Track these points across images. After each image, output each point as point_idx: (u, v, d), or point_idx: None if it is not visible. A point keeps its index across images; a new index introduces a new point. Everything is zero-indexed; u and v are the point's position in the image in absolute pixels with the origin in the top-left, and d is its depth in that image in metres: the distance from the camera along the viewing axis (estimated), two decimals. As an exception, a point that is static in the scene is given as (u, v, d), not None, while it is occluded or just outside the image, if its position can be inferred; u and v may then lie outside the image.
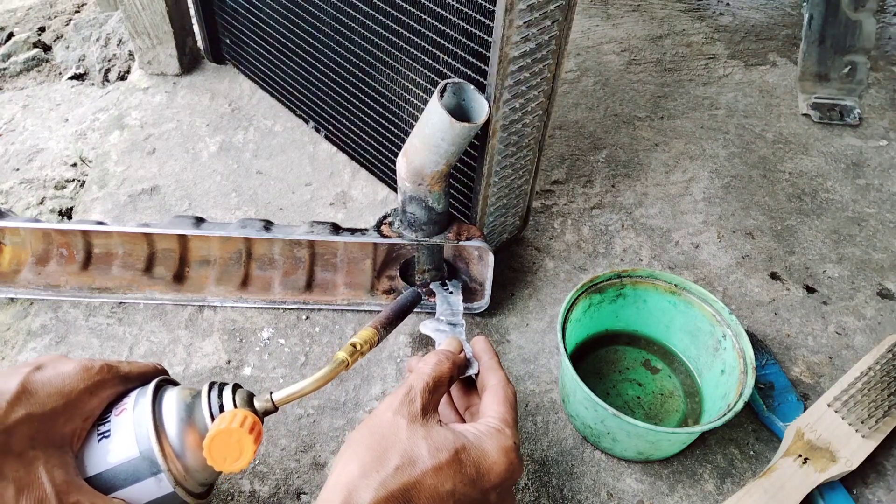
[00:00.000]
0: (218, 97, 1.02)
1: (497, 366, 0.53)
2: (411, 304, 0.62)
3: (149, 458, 0.46)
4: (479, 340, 0.55)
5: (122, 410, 0.48)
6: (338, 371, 0.50)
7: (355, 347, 0.52)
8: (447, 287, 0.70)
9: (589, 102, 1.07)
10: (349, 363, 0.51)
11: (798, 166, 0.96)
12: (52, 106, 1.12)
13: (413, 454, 0.42)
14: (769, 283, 0.79)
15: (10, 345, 0.70)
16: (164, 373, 0.54)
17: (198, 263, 0.75)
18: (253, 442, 0.45)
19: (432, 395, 0.47)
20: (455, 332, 0.62)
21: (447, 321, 0.64)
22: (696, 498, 0.60)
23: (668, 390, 0.67)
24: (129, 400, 0.49)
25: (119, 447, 0.46)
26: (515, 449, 0.46)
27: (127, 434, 0.47)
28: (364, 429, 0.45)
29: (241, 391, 0.50)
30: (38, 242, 0.74)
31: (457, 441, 0.44)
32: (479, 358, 0.54)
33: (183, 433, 0.47)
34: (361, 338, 0.53)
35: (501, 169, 0.66)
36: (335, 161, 0.92)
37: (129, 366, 0.51)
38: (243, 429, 0.45)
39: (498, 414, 0.48)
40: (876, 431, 0.61)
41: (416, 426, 0.44)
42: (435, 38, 0.62)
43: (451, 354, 0.52)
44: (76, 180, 0.95)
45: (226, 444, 0.45)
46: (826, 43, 1.06)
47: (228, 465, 0.45)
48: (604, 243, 0.83)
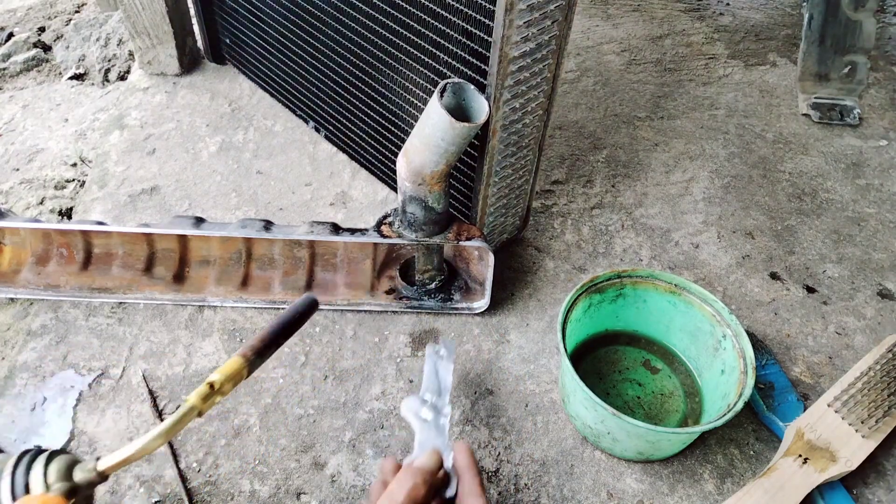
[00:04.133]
0: (218, 97, 1.02)
1: (479, 491, 0.46)
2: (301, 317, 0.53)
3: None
4: (462, 451, 0.49)
5: None
6: (186, 421, 0.43)
7: (212, 388, 0.44)
8: (438, 349, 0.63)
9: (589, 102, 1.06)
10: (201, 411, 0.43)
11: (798, 166, 0.96)
12: (52, 106, 1.12)
13: None
14: (769, 283, 0.79)
15: (10, 345, 0.70)
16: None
17: (198, 263, 0.75)
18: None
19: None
20: (439, 426, 0.54)
21: (431, 403, 0.56)
22: (696, 498, 0.60)
23: (668, 390, 0.67)
24: None
25: None
26: None
27: None
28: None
29: (57, 461, 0.42)
30: (38, 242, 0.74)
31: None
32: (460, 475, 0.47)
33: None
34: (223, 373, 0.45)
35: (501, 169, 0.66)
36: (335, 161, 0.92)
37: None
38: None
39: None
40: (876, 431, 0.61)
41: None
42: (435, 38, 0.62)
43: (429, 477, 0.46)
44: (76, 180, 0.95)
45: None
46: (826, 43, 1.06)
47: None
48: (604, 243, 0.83)
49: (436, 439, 0.52)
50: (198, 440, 0.62)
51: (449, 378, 0.59)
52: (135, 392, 0.65)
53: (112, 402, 0.64)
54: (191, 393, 0.44)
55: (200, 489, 0.59)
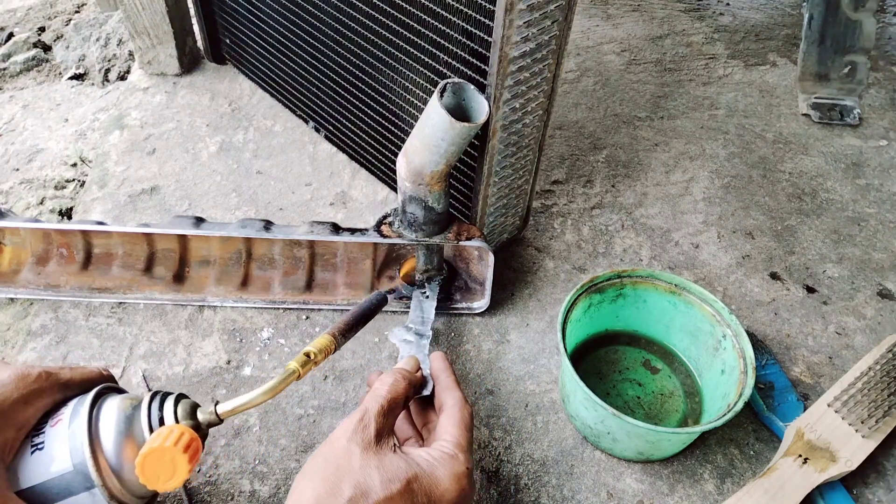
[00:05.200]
0: (218, 97, 1.02)
1: (454, 384, 0.53)
2: (375, 307, 0.61)
3: (82, 472, 0.44)
4: (437, 357, 0.56)
5: (58, 421, 0.46)
6: (288, 382, 0.49)
7: (308, 357, 0.51)
8: (424, 291, 0.71)
9: (589, 102, 1.06)
10: (300, 374, 0.50)
11: (798, 166, 0.96)
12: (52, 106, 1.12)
13: (365, 485, 0.43)
14: (769, 283, 0.79)
15: (10, 345, 0.70)
16: (109, 379, 0.52)
17: (198, 263, 0.75)
18: (188, 461, 0.43)
19: (387, 418, 0.48)
20: (420, 344, 0.62)
21: (415, 330, 0.64)
22: (696, 498, 0.60)
23: (668, 390, 0.67)
24: (67, 410, 0.47)
25: (52, 460, 0.44)
26: (468, 475, 0.47)
27: (61, 447, 0.44)
28: (319, 457, 0.45)
29: (184, 402, 0.48)
30: (38, 242, 0.74)
31: (409, 470, 0.45)
32: (436, 376, 0.55)
33: (120, 446, 0.45)
34: (316, 346, 0.52)
35: (501, 169, 0.66)
36: (335, 161, 0.92)
37: (71, 372, 0.49)
38: (177, 447, 0.43)
39: (453, 437, 0.48)
40: (876, 431, 0.61)
41: (370, 454, 0.45)
42: (435, 38, 0.62)
43: (408, 374, 0.53)
44: (76, 180, 0.95)
45: (159, 463, 0.43)
46: (826, 43, 1.06)
47: (161, 483, 0.43)
48: (604, 243, 0.83)
49: (416, 353, 0.61)
50: (198, 440, 0.62)
51: (431, 312, 0.68)
52: (135, 392, 0.65)
53: (112, 402, 0.64)
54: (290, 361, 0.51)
55: (200, 489, 0.59)
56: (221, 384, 0.66)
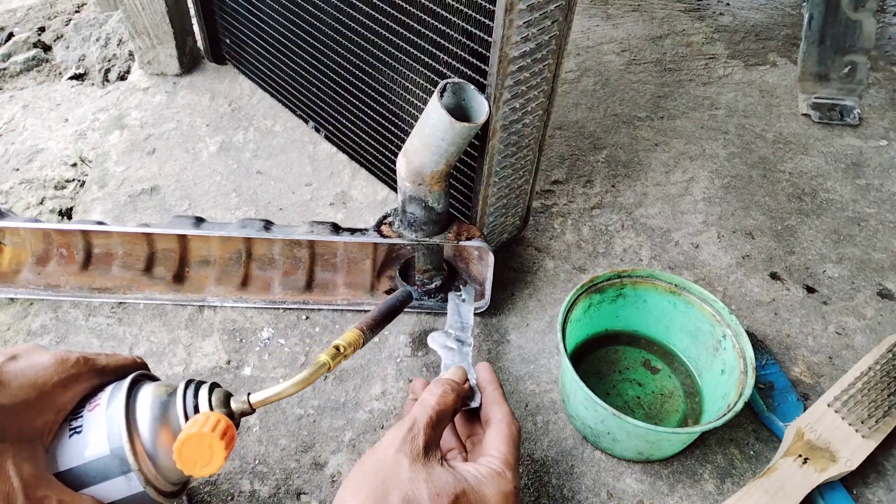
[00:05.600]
0: (218, 97, 1.02)
1: (502, 398, 0.52)
2: (401, 304, 0.62)
3: (119, 457, 0.45)
4: (484, 369, 0.55)
5: (96, 406, 0.47)
6: (319, 374, 0.50)
7: (338, 350, 0.52)
8: (461, 294, 0.69)
9: (589, 102, 1.07)
10: (331, 366, 0.51)
11: (798, 166, 0.96)
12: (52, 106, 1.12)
13: (414, 496, 0.42)
14: (769, 283, 0.79)
15: (10, 345, 0.70)
16: (143, 367, 0.53)
17: (198, 263, 0.75)
18: (224, 448, 0.44)
19: (435, 430, 0.47)
20: (463, 352, 0.61)
21: (455, 336, 0.63)
22: (696, 498, 0.60)
23: (668, 390, 0.67)
24: (104, 395, 0.48)
25: (90, 444, 0.45)
26: (515, 493, 0.46)
27: (99, 431, 0.45)
28: (367, 464, 0.44)
29: (217, 391, 0.49)
30: (38, 242, 0.74)
31: (457, 485, 0.44)
32: (483, 388, 0.54)
33: (156, 432, 0.46)
34: (345, 340, 0.53)
35: (501, 169, 0.66)
36: (335, 161, 0.92)
37: (108, 359, 0.50)
38: (215, 433, 0.44)
39: (500, 454, 0.48)
40: (876, 431, 0.61)
41: (418, 466, 0.44)
42: (435, 38, 0.62)
43: (457, 385, 0.51)
44: (76, 180, 0.95)
45: (196, 449, 0.44)
46: (826, 43, 1.06)
47: (198, 469, 0.44)
48: (604, 243, 0.83)
49: (460, 362, 0.59)
50: (198, 440, 0.62)
51: (470, 317, 0.66)
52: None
53: (112, 402, 0.64)
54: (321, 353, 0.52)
55: (200, 489, 0.59)
56: (221, 384, 0.66)
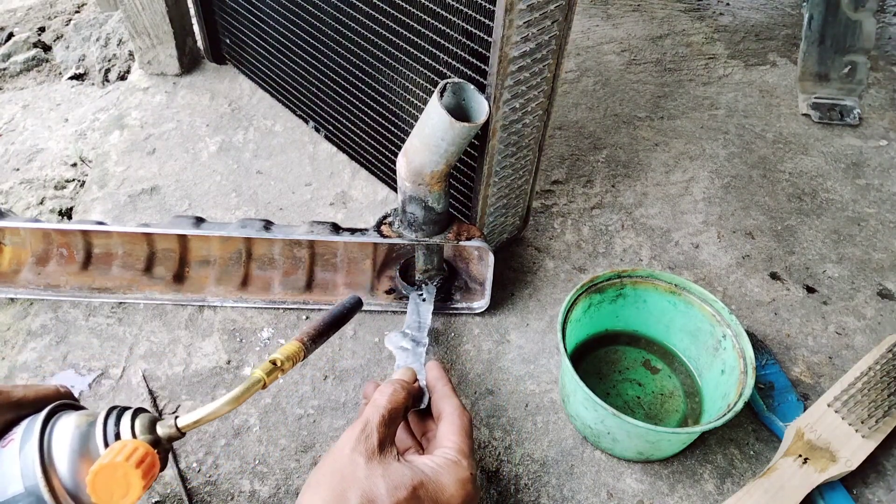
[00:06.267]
0: (218, 97, 1.02)
1: (451, 392, 0.53)
2: (349, 312, 0.60)
3: (35, 494, 0.42)
4: (432, 367, 0.56)
5: (10, 441, 0.45)
6: (253, 391, 0.48)
7: (275, 365, 0.50)
8: (421, 293, 0.70)
9: (589, 102, 1.06)
10: (266, 382, 0.49)
11: (798, 166, 0.96)
12: (52, 106, 1.12)
13: (372, 493, 0.43)
14: (769, 283, 0.79)
15: (10, 345, 0.70)
16: (67, 396, 0.51)
17: (198, 263, 0.75)
18: (141, 477, 0.42)
19: (388, 427, 0.48)
20: (416, 353, 0.62)
21: (412, 336, 0.64)
22: (696, 498, 0.60)
23: (668, 390, 0.67)
24: (19, 430, 0.45)
25: (4, 482, 0.43)
26: (472, 480, 0.47)
27: (12, 468, 0.43)
28: (324, 467, 0.45)
29: (142, 416, 0.46)
30: (38, 242, 0.74)
31: (414, 477, 0.45)
32: (432, 386, 0.55)
33: (75, 466, 0.43)
34: (284, 353, 0.51)
35: (501, 169, 0.66)
36: (335, 161, 0.92)
37: (24, 390, 0.48)
38: (129, 462, 0.41)
39: (454, 444, 0.49)
40: (876, 431, 0.61)
41: (374, 463, 0.45)
42: (435, 38, 0.62)
43: (406, 384, 0.53)
44: (76, 180, 0.95)
45: (110, 479, 0.41)
46: (826, 43, 1.06)
47: (115, 501, 0.42)
48: (604, 243, 0.83)
49: (413, 363, 0.61)
50: (198, 440, 0.62)
51: (428, 317, 0.67)
52: (135, 392, 0.65)
53: (112, 401, 0.64)
54: (255, 368, 0.50)
55: (200, 489, 0.59)
56: (221, 384, 0.66)
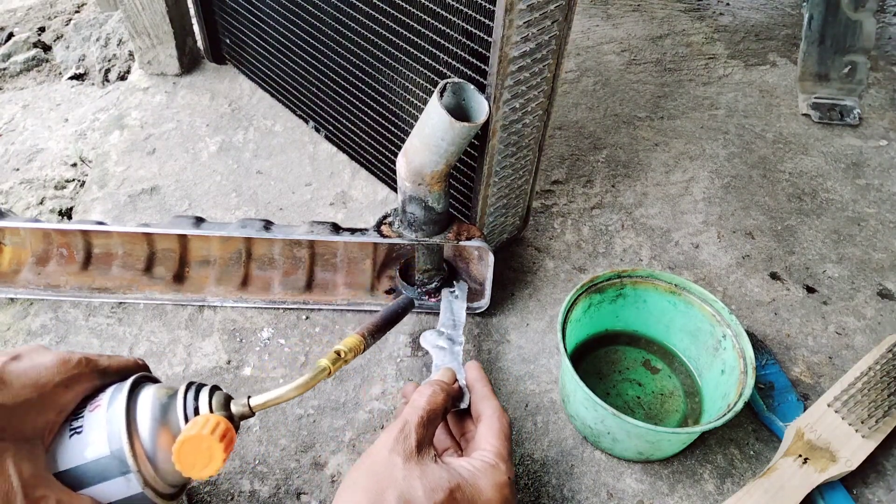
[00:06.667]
0: (218, 97, 1.02)
1: (491, 394, 0.53)
2: (403, 311, 0.62)
3: (119, 458, 0.45)
4: (472, 367, 0.56)
5: (97, 407, 0.47)
6: (319, 378, 0.50)
7: (339, 355, 0.52)
8: (454, 290, 0.70)
9: (589, 102, 1.06)
10: (331, 371, 0.51)
11: (798, 166, 0.96)
12: (52, 106, 1.12)
13: (409, 494, 0.43)
14: (769, 283, 0.79)
15: (10, 345, 0.70)
16: (144, 368, 0.53)
17: (198, 263, 0.75)
18: (223, 450, 0.44)
19: (427, 429, 0.48)
20: (454, 351, 0.62)
21: (447, 335, 0.64)
22: (696, 498, 0.60)
23: (668, 390, 0.67)
24: (105, 396, 0.48)
25: (90, 444, 0.45)
26: (510, 484, 0.47)
27: (99, 432, 0.46)
28: (361, 468, 0.45)
29: (218, 394, 0.49)
30: (38, 242, 0.74)
31: (452, 480, 0.44)
32: (472, 386, 0.55)
33: (155, 434, 0.46)
34: (346, 345, 0.53)
35: (501, 169, 0.66)
36: (335, 161, 0.92)
37: (109, 360, 0.50)
38: (214, 436, 0.44)
39: (493, 447, 0.48)
40: (876, 431, 0.61)
41: (412, 464, 0.44)
42: (435, 38, 0.62)
43: (446, 385, 0.52)
44: (76, 180, 0.95)
45: (195, 450, 0.44)
46: (826, 43, 1.06)
47: (197, 471, 0.44)
48: (604, 243, 0.83)
49: (450, 362, 0.60)
50: (198, 440, 0.62)
51: (462, 314, 0.67)
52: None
53: (112, 402, 0.64)
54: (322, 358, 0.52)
55: (200, 489, 0.59)
56: (221, 384, 0.66)
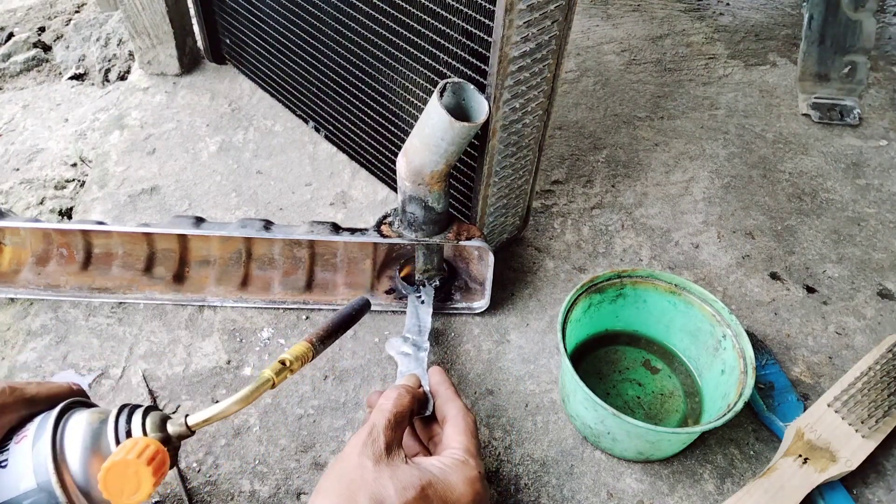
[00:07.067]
0: (218, 97, 1.02)
1: (455, 395, 0.54)
2: (357, 313, 0.61)
3: (47, 490, 0.43)
4: (435, 372, 0.57)
5: (23, 438, 0.45)
6: (262, 391, 0.48)
7: (284, 365, 0.50)
8: (419, 295, 0.70)
9: (589, 102, 1.06)
10: (275, 382, 0.49)
11: (798, 166, 0.96)
12: (52, 106, 1.12)
13: (381, 495, 0.43)
14: (769, 283, 0.79)
15: (10, 345, 0.70)
16: (80, 394, 0.51)
17: (198, 263, 0.75)
18: (151, 474, 0.42)
19: (395, 431, 0.48)
20: (418, 358, 0.62)
21: (412, 341, 0.64)
22: (696, 498, 0.60)
23: (668, 390, 0.67)
24: (32, 426, 0.46)
25: (17, 478, 0.43)
26: (480, 478, 0.47)
27: (25, 464, 0.44)
28: (331, 474, 0.45)
29: (153, 414, 0.47)
30: (38, 242, 0.74)
31: (422, 477, 0.45)
32: (435, 391, 0.55)
33: (87, 462, 0.44)
34: (293, 354, 0.51)
35: (501, 169, 0.66)
36: (335, 161, 0.92)
37: (38, 387, 0.49)
38: (140, 459, 0.42)
39: (461, 444, 0.49)
40: (876, 431, 0.61)
41: (382, 466, 0.45)
42: (435, 38, 0.62)
43: (411, 389, 0.53)
44: (76, 180, 0.95)
45: (121, 476, 0.42)
46: (826, 43, 1.06)
47: (126, 498, 0.42)
48: (604, 243, 0.83)
49: (415, 368, 0.61)
50: (198, 440, 0.62)
51: (428, 320, 0.67)
52: (135, 392, 0.65)
53: (112, 401, 0.64)
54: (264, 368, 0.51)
55: (200, 489, 0.59)
56: (221, 384, 0.66)
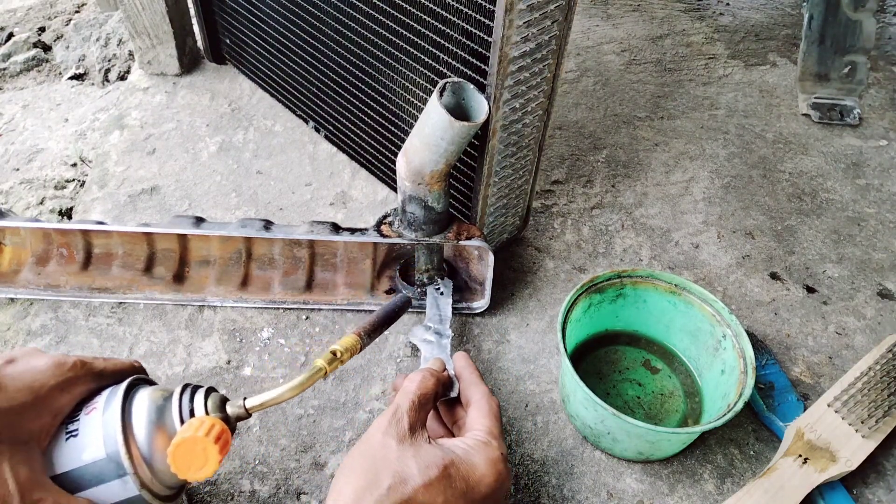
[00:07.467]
0: (218, 97, 1.02)
1: (479, 380, 0.55)
2: (399, 310, 0.62)
3: (115, 461, 0.45)
4: (460, 357, 0.57)
5: (93, 409, 0.47)
6: (315, 379, 0.50)
7: (335, 355, 0.52)
8: (438, 287, 0.71)
9: (589, 102, 1.06)
10: (327, 371, 0.51)
11: (798, 166, 0.96)
12: (52, 106, 1.12)
13: (404, 473, 0.43)
14: (769, 283, 0.79)
15: (10, 345, 0.70)
16: (141, 371, 0.53)
17: (198, 263, 0.75)
18: (218, 452, 0.44)
19: (419, 412, 0.49)
20: (441, 344, 0.63)
21: (435, 329, 0.65)
22: (696, 498, 0.60)
23: (668, 390, 0.67)
24: (101, 399, 0.48)
25: (86, 447, 0.46)
26: (503, 459, 0.47)
27: (95, 434, 0.46)
28: (355, 453, 0.46)
29: (213, 395, 0.49)
30: (38, 242, 0.74)
31: (445, 457, 0.45)
32: (460, 374, 0.56)
33: (151, 436, 0.46)
34: (343, 345, 0.53)
35: (501, 169, 0.66)
36: (335, 161, 0.92)
37: (105, 363, 0.51)
38: (209, 437, 0.44)
39: (484, 427, 0.49)
40: (876, 431, 0.61)
41: (405, 445, 0.45)
42: (435, 38, 0.62)
43: (436, 372, 0.54)
44: (76, 180, 0.95)
45: (190, 452, 0.44)
46: (826, 43, 1.06)
47: (192, 473, 0.44)
48: (604, 243, 0.83)
49: (439, 353, 0.62)
50: (198, 440, 0.61)
51: (448, 310, 0.68)
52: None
53: (112, 401, 0.64)
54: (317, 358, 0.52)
55: (200, 489, 0.59)
56: (221, 384, 0.66)
